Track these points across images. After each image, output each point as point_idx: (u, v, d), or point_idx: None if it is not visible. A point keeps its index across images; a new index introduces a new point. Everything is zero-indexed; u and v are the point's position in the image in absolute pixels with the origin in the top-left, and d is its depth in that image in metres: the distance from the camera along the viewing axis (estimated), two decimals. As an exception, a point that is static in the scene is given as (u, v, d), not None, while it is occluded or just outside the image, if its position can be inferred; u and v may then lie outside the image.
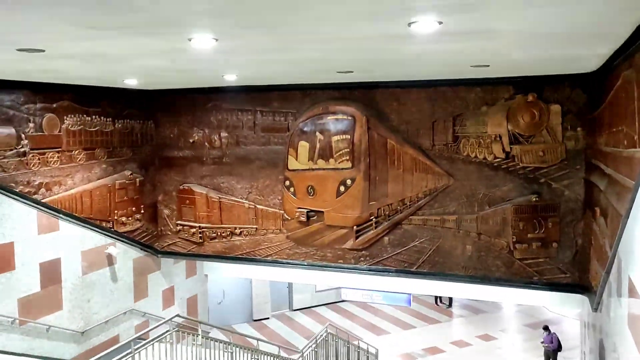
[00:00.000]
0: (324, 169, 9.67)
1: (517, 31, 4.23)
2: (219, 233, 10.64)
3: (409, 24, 3.75)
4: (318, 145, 9.68)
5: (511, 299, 12.13)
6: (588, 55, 5.96)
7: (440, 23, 3.74)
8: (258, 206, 10.33)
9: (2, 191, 7.90)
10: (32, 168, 8.41)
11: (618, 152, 5.53)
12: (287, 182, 10.00)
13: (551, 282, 8.62)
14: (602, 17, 3.68)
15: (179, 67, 6.80)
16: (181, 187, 10.80)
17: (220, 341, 8.31)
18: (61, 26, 3.75)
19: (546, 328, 12.82)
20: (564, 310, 15.54)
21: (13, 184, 8.10)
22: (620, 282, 5.23)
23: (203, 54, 5.18)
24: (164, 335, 7.08)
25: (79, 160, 9.27)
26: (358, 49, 5.13)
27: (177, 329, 7.39)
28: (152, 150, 10.78)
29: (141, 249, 10.71)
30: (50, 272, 8.72)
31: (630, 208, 4.64)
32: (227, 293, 15.58)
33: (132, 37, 4.28)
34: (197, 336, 7.64)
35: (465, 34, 4.24)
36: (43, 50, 4.89)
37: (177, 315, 7.67)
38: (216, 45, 4.56)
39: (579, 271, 8.36)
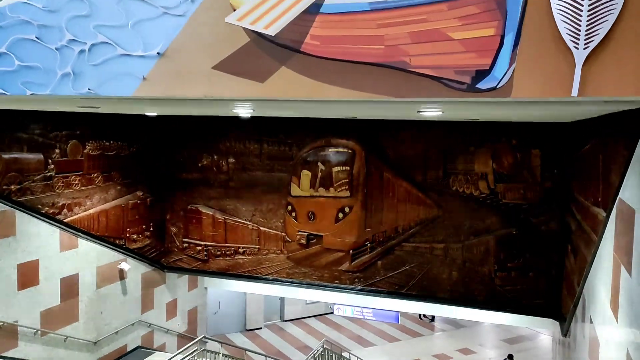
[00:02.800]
0: (324, 197, 10.51)
1: (504, 114, 5.14)
2: (223, 251, 11.41)
3: (418, 112, 4.62)
4: (319, 175, 10.51)
5: (491, 320, 13.05)
6: (566, 116, 6.91)
7: (442, 112, 4.62)
8: (261, 228, 11.12)
9: (31, 213, 8.57)
10: (57, 191, 9.10)
11: (587, 204, 6.46)
12: (290, 207, 10.82)
13: (527, 307, 9.55)
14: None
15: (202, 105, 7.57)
16: (189, 207, 11.54)
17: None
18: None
19: (510, 357, 13.56)
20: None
21: (40, 206, 8.78)
22: (584, 317, 6.16)
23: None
24: (192, 355, 7.78)
25: (97, 183, 9.97)
26: (369, 115, 5.99)
27: (203, 348, 8.08)
28: (163, 172, 11.50)
29: (149, 264, 11.42)
30: (70, 287, 9.40)
31: (593, 259, 5.56)
32: (222, 304, 16.29)
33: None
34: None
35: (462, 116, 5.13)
36: (98, 107, 5.65)
37: (204, 337, 8.33)
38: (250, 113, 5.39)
39: (552, 298, 9.30)
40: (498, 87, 2.41)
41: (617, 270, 4.04)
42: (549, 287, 9.33)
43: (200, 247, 11.55)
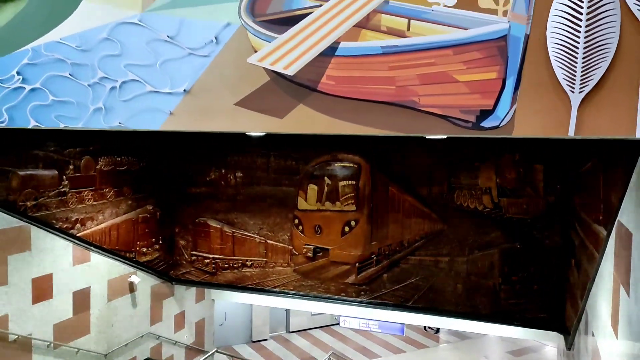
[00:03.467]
0: (330, 211, 10.71)
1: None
2: (231, 264, 11.59)
3: (425, 137, 4.82)
4: (326, 189, 10.72)
5: (496, 333, 13.17)
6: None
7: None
8: (268, 241, 11.31)
9: (46, 228, 8.78)
10: (70, 206, 9.32)
11: (588, 221, 6.64)
12: (297, 221, 11.01)
13: (531, 320, 9.69)
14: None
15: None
16: (197, 220, 11.75)
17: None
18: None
19: None
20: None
21: (54, 221, 9.00)
22: (587, 331, 6.31)
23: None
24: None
25: (109, 197, 10.20)
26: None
27: None
28: (172, 186, 11.73)
29: (158, 277, 11.61)
30: (82, 300, 9.59)
31: (595, 276, 5.73)
32: (228, 315, 16.44)
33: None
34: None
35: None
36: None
37: (217, 350, 8.48)
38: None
39: (556, 312, 9.44)
40: (501, 125, 2.61)
41: (617, 288, 4.21)
42: (553, 301, 9.47)
43: (208, 260, 11.74)
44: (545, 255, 9.44)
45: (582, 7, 2.42)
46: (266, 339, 17.13)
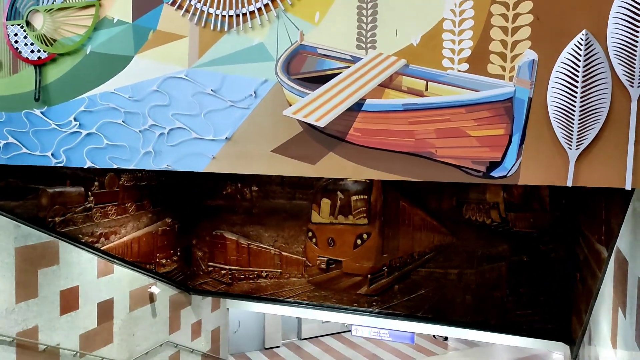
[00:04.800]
0: (343, 224, 11.09)
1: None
2: (246, 275, 12.00)
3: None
4: (339, 203, 11.10)
5: (504, 342, 13.48)
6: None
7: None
8: (283, 253, 11.70)
9: (73, 242, 9.22)
10: (95, 220, 9.77)
11: (592, 239, 6.97)
12: (310, 234, 11.40)
13: (538, 330, 10.00)
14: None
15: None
16: (214, 232, 12.16)
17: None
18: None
19: None
20: (551, 347, 16.85)
21: (80, 235, 9.44)
22: (591, 344, 6.64)
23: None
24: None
25: (131, 212, 10.64)
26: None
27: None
28: (190, 199, 12.16)
29: (176, 287, 12.03)
30: (105, 310, 10.02)
31: (597, 293, 6.06)
32: (241, 323, 16.84)
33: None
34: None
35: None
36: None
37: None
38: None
39: (562, 323, 9.75)
40: (508, 175, 2.99)
41: (616, 309, 4.56)
42: (559, 312, 9.78)
43: (224, 271, 12.14)
44: (551, 268, 9.76)
45: (577, 76, 2.80)
46: (278, 346, 17.50)
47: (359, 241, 11.00)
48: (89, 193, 9.59)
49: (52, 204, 8.85)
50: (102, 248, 9.92)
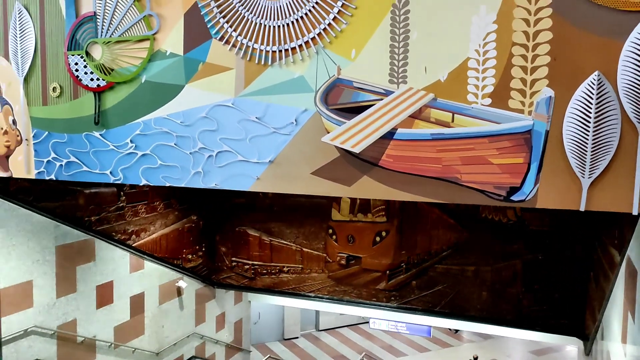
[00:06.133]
0: (362, 222, 11.46)
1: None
2: (269, 270, 12.45)
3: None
4: (358, 201, 11.47)
5: (519, 336, 13.82)
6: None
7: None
8: (304, 249, 12.12)
9: (107, 240, 9.73)
10: (127, 219, 10.26)
11: (606, 241, 7.26)
12: (331, 231, 11.80)
13: (553, 326, 10.32)
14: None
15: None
16: (237, 229, 12.62)
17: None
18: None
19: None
20: (565, 340, 17.14)
21: (114, 233, 9.94)
22: (603, 343, 6.96)
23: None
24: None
25: (159, 210, 11.12)
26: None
27: None
28: (214, 197, 12.61)
29: (201, 282, 12.54)
30: (137, 304, 10.55)
31: (610, 294, 6.37)
32: (261, 314, 17.37)
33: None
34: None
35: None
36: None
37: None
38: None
39: (576, 319, 10.06)
40: (526, 199, 3.33)
41: (626, 313, 4.89)
42: (573, 308, 10.08)
43: (247, 266, 12.62)
44: (565, 266, 10.05)
45: (590, 112, 3.12)
46: (297, 337, 18.03)
47: (377, 238, 11.38)
48: (121, 193, 10.07)
49: (88, 204, 9.33)
50: (133, 245, 10.43)
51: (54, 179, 4.50)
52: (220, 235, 12.81)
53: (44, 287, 8.37)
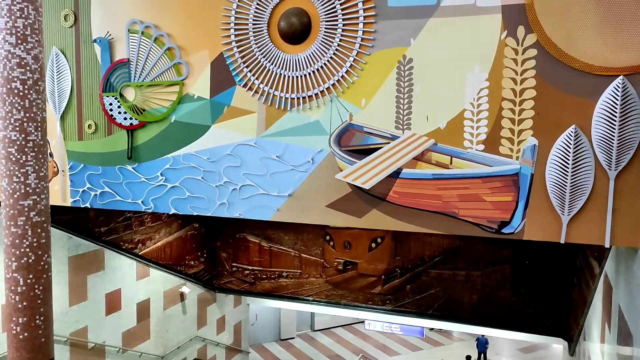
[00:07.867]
0: (358, 229, 11.96)
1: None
2: (268, 275, 12.94)
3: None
4: (355, 209, 11.97)
5: (507, 337, 14.47)
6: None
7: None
8: (302, 255, 12.63)
9: (115, 249, 10.15)
10: (134, 228, 10.68)
11: (587, 252, 7.84)
12: (328, 237, 12.31)
13: (539, 327, 10.94)
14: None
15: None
16: (237, 235, 13.08)
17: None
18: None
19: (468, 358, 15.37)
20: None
21: (122, 243, 10.36)
22: (585, 343, 7.55)
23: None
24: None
25: (164, 218, 11.55)
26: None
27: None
28: (215, 204, 13.06)
29: (203, 286, 13.00)
30: (143, 310, 10.99)
31: (591, 302, 6.95)
32: (258, 316, 17.86)
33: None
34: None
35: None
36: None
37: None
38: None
39: (561, 321, 10.68)
40: (515, 232, 3.86)
41: (604, 322, 5.45)
42: (558, 311, 10.70)
43: (247, 271, 13.09)
44: (552, 271, 10.66)
45: (568, 160, 3.66)
46: (293, 337, 18.55)
47: (373, 245, 11.91)
48: (128, 204, 10.49)
49: (98, 216, 9.74)
50: (140, 253, 10.85)
51: (89, 206, 4.95)
52: (221, 242, 13.27)
53: (58, 297, 8.78)
